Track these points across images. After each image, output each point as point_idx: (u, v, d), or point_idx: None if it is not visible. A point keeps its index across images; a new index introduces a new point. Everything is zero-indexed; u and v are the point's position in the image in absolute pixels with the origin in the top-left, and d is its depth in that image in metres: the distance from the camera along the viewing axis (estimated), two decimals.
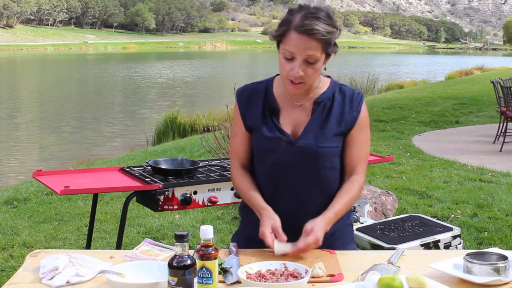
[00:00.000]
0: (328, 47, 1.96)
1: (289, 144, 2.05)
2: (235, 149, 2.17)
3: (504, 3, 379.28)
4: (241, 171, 2.15)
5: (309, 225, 1.94)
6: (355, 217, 4.01)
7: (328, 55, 1.99)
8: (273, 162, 2.07)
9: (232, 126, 2.19)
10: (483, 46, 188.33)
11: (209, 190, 3.12)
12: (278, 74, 2.13)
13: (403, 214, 4.50)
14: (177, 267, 1.53)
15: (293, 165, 2.06)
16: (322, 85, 2.10)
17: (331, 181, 2.10)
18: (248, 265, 1.76)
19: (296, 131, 2.07)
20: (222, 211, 5.32)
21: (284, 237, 1.93)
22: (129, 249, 2.33)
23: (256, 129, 2.10)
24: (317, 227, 1.93)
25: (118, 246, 3.14)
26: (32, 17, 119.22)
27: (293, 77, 1.97)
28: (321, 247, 1.96)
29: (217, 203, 3.15)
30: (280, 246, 1.91)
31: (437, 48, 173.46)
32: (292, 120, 2.08)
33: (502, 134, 8.53)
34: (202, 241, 1.61)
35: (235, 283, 1.71)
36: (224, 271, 1.75)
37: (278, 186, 2.09)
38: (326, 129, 2.06)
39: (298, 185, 2.07)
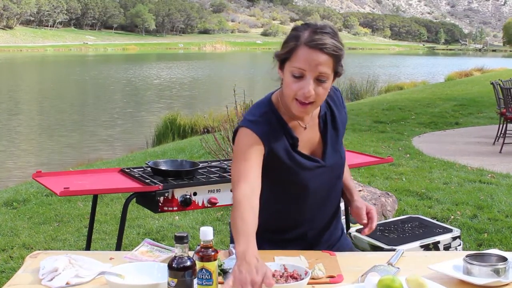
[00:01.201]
0: (338, 64, 1.85)
1: (321, 167, 2.01)
2: (246, 174, 1.83)
3: (504, 5, 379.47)
4: (255, 199, 1.81)
5: (362, 208, 2.04)
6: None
7: (335, 76, 1.88)
8: (304, 188, 2.00)
9: (241, 152, 1.88)
10: (483, 47, 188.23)
11: (209, 192, 3.11)
12: (272, 93, 2.01)
13: (403, 215, 4.49)
14: (177, 269, 1.53)
15: (321, 184, 2.02)
16: None
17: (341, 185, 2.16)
18: None
19: (315, 151, 2.02)
20: (222, 212, 5.32)
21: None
22: (129, 250, 2.33)
23: (288, 163, 1.94)
24: (368, 206, 2.07)
25: (118, 247, 3.14)
26: (32, 18, 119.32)
27: (302, 97, 1.82)
28: (319, 248, 2.02)
29: (217, 204, 3.15)
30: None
31: (437, 49, 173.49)
32: (307, 141, 1.99)
33: (501, 135, 8.54)
34: (202, 243, 1.61)
35: None
36: (224, 272, 1.75)
37: (303, 207, 2.03)
38: (339, 138, 2.07)
39: (322, 201, 2.06)
